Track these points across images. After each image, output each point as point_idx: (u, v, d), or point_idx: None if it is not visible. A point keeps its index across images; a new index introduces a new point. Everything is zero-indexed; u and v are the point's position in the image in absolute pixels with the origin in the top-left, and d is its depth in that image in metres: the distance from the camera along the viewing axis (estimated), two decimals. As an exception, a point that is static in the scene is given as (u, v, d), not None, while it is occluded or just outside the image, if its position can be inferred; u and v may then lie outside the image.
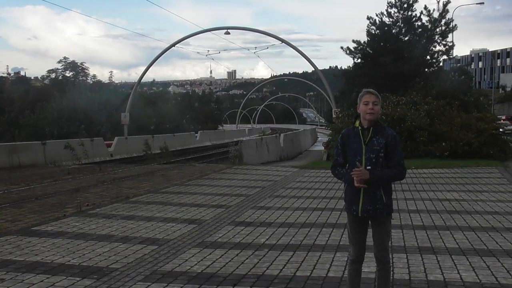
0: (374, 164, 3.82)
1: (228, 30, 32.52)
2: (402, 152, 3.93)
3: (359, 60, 28.06)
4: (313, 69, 33.30)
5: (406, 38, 27.30)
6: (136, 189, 11.33)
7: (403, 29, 27.33)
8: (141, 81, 34.45)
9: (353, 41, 27.51)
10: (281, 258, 5.75)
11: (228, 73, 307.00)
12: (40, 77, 61.90)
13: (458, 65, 47.01)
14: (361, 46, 27.44)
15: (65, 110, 31.51)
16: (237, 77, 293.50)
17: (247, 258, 5.75)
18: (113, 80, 54.76)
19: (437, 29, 26.55)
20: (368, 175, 3.76)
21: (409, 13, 27.07)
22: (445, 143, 18.29)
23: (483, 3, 46.39)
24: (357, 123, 3.94)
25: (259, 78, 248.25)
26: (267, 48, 48.52)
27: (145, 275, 5.17)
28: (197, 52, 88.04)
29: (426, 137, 18.56)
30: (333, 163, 4.08)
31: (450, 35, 27.44)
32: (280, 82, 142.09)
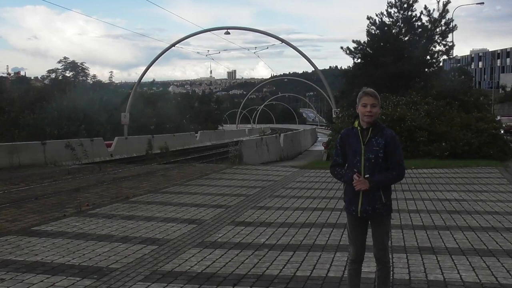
0: (373, 164, 3.82)
1: (228, 30, 32.52)
2: (401, 152, 3.93)
3: (359, 60, 28.10)
4: (313, 69, 33.30)
5: (406, 38, 27.34)
6: (136, 189, 11.33)
7: (403, 29, 27.36)
8: (141, 81, 34.44)
9: (353, 41, 27.57)
10: (281, 258, 5.75)
11: (228, 73, 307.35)
12: (40, 77, 61.83)
13: (458, 65, 47.12)
14: (361, 46, 27.47)
15: (65, 110, 31.46)
16: (237, 77, 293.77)
17: (247, 258, 5.75)
18: (113, 80, 54.65)
19: (437, 29, 26.58)
20: (367, 185, 3.77)
21: (409, 13, 27.11)
22: (445, 143, 18.30)
23: (483, 3, 46.42)
24: (356, 123, 3.94)
25: (259, 78, 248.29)
26: (267, 48, 48.62)
27: (145, 275, 5.17)
28: (197, 52, 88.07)
29: (426, 137, 18.55)
30: (332, 163, 4.08)
31: (450, 35, 27.51)
32: (280, 82, 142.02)
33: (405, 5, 27.04)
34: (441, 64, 29.64)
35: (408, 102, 20.64)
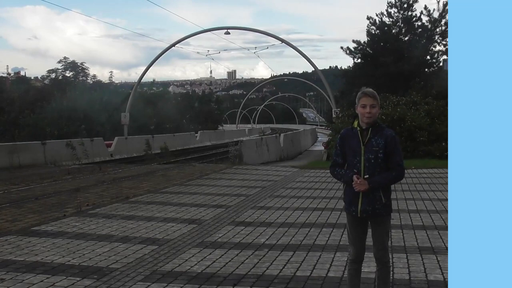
0: (373, 164, 3.81)
1: (228, 30, 32.52)
2: (401, 152, 3.93)
3: (359, 60, 28.17)
4: (313, 69, 33.29)
5: (406, 38, 27.39)
6: (136, 189, 11.34)
7: (403, 29, 27.41)
8: (141, 81, 34.47)
9: (353, 41, 27.65)
10: (281, 258, 5.75)
11: (228, 73, 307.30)
12: (40, 77, 61.83)
13: (458, 65, 46.99)
14: (361, 46, 27.53)
15: (65, 110, 31.53)
16: (237, 77, 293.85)
17: (247, 258, 5.75)
18: (113, 80, 54.80)
19: (437, 29, 26.64)
20: (366, 186, 3.77)
21: (409, 13, 27.16)
22: (445, 143, 18.30)
23: (483, 3, 46.35)
24: (356, 123, 3.93)
25: (259, 78, 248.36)
26: (267, 48, 48.45)
27: (145, 275, 5.17)
28: (197, 52, 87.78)
29: (426, 137, 18.56)
30: (332, 163, 4.07)
31: (450, 35, 27.48)
32: (280, 82, 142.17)
33: (405, 5, 27.09)
34: (441, 64, 29.64)
35: (408, 102, 20.66)
